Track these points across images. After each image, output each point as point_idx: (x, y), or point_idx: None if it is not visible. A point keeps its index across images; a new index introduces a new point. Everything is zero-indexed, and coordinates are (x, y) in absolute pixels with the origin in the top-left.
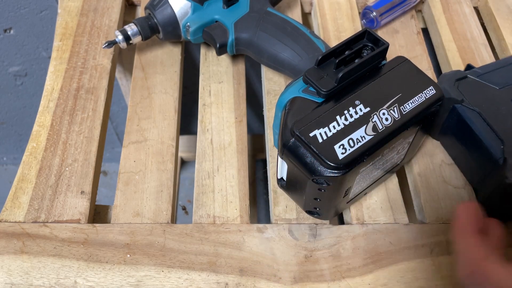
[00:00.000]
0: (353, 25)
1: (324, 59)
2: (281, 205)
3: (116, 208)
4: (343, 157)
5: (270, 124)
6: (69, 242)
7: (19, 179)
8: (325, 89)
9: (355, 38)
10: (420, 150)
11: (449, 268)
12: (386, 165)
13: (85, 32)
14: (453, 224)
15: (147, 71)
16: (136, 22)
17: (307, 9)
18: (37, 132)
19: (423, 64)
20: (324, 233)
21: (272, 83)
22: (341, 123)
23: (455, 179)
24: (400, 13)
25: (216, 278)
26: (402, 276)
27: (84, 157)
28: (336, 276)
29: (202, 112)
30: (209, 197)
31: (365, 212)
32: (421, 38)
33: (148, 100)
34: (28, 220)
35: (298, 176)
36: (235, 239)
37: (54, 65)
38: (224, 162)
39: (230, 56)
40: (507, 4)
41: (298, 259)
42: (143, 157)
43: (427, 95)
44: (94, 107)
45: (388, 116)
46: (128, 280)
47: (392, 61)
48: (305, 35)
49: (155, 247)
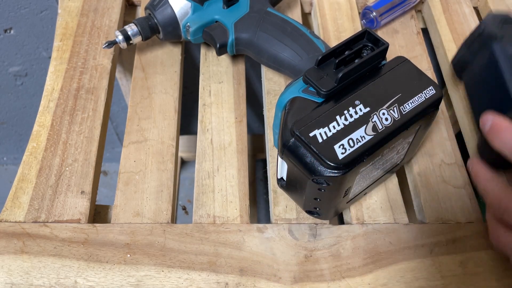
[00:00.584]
0: (353, 25)
1: (324, 59)
2: (281, 205)
3: (116, 208)
4: (343, 157)
5: (270, 124)
6: (69, 242)
7: (19, 179)
8: (325, 89)
9: (355, 38)
10: (420, 150)
11: (449, 268)
12: (386, 165)
13: (85, 32)
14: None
15: (147, 71)
16: (136, 22)
17: (307, 9)
18: (37, 132)
19: (423, 64)
20: (324, 233)
21: (272, 83)
22: (341, 123)
23: (455, 179)
24: (400, 13)
25: (216, 278)
26: (402, 276)
27: (84, 157)
28: (336, 276)
29: (202, 112)
30: (209, 197)
31: (365, 212)
32: (421, 38)
33: (148, 100)
34: (28, 220)
35: (298, 176)
36: (235, 239)
37: (54, 65)
38: (224, 162)
39: (230, 56)
40: (506, 4)
41: (298, 259)
42: (143, 157)
43: (427, 95)
44: (94, 107)
45: (388, 116)
46: (128, 280)
47: (392, 61)
48: (305, 35)
49: (155, 247)
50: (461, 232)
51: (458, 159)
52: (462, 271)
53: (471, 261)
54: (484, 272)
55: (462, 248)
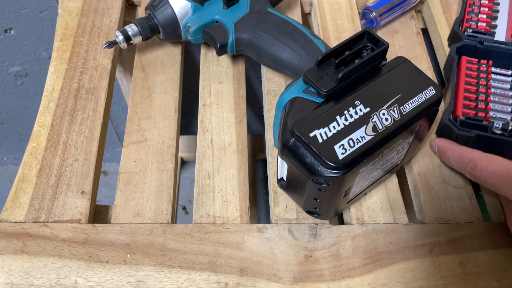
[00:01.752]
0: (353, 26)
1: (324, 59)
2: (281, 205)
3: (116, 208)
4: (343, 157)
5: (270, 124)
6: (69, 242)
7: (19, 179)
8: (325, 89)
9: (355, 39)
10: (420, 150)
11: (448, 268)
12: (386, 165)
13: (86, 32)
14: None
15: (147, 71)
16: (136, 23)
17: (307, 10)
18: (38, 132)
19: (423, 64)
20: (324, 233)
21: (272, 83)
22: (341, 123)
23: (455, 179)
24: (400, 13)
25: (216, 278)
26: (402, 276)
27: (84, 157)
28: (336, 276)
29: (202, 112)
30: (209, 197)
31: (365, 212)
32: (421, 38)
33: (148, 100)
34: (28, 220)
35: (298, 176)
36: (235, 239)
37: (54, 65)
38: (224, 162)
39: (230, 57)
40: None
41: (298, 259)
42: (143, 157)
43: (427, 95)
44: (94, 107)
45: (388, 116)
46: (128, 280)
47: (392, 62)
48: (305, 36)
49: (155, 247)
50: (461, 232)
51: None
52: (462, 271)
53: (471, 261)
54: (484, 272)
55: (462, 248)
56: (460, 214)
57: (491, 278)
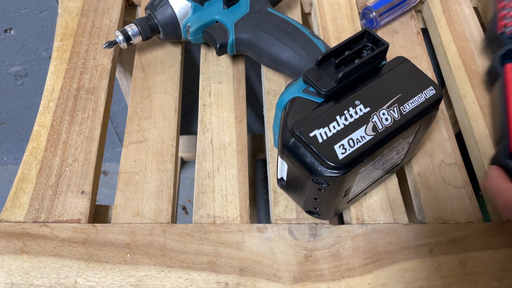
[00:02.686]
0: (353, 26)
1: (324, 59)
2: (281, 205)
3: (116, 208)
4: (343, 157)
5: (270, 124)
6: (69, 242)
7: (19, 179)
8: (325, 89)
9: (355, 39)
10: (420, 150)
11: (449, 268)
12: (386, 165)
13: (86, 32)
14: (488, 177)
15: (147, 71)
16: (136, 22)
17: (307, 10)
18: (38, 132)
19: (423, 64)
20: (324, 233)
21: (272, 83)
22: (341, 123)
23: (455, 179)
24: (400, 13)
25: (216, 278)
26: (401, 276)
27: (84, 157)
28: (336, 276)
29: (202, 112)
30: (209, 197)
31: (365, 212)
32: (420, 38)
33: (148, 100)
34: (28, 220)
35: (298, 176)
36: (235, 239)
37: (54, 65)
38: (224, 162)
39: (230, 56)
40: None
41: (298, 259)
42: (143, 157)
43: (427, 95)
44: (94, 107)
45: (388, 116)
46: (128, 280)
47: (392, 61)
48: (305, 35)
49: (155, 247)
50: (461, 232)
51: (458, 159)
52: (462, 271)
53: (471, 261)
54: (484, 272)
55: (462, 248)
56: (460, 214)
57: (491, 278)
